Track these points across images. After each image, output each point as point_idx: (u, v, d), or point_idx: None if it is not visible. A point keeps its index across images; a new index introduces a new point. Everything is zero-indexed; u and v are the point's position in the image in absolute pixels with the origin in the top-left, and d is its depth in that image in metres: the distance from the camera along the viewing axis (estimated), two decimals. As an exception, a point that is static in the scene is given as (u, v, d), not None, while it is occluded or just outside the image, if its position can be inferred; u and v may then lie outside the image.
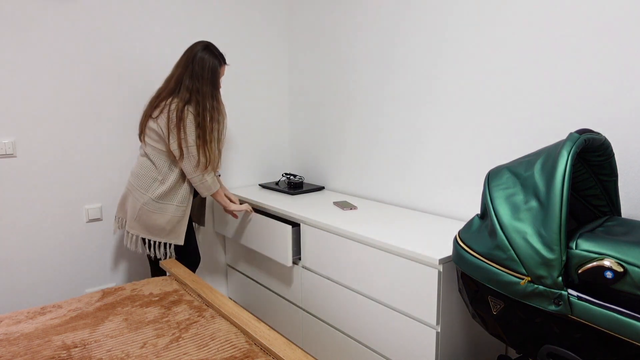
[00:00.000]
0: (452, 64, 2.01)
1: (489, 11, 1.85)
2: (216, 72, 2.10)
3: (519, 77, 1.78)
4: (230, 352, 1.43)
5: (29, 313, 1.74)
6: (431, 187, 2.16)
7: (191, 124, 2.04)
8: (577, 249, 1.13)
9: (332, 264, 2.00)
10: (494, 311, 1.31)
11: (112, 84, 2.36)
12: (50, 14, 2.16)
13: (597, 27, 1.55)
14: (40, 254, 2.26)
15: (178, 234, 2.17)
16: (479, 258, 1.29)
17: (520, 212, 1.22)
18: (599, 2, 1.54)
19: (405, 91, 2.23)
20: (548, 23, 1.67)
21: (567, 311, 1.12)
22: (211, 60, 2.09)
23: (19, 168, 2.17)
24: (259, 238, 2.36)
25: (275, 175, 3.03)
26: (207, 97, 2.07)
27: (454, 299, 1.65)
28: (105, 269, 2.46)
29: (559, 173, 1.15)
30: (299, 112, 2.94)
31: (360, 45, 2.43)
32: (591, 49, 1.58)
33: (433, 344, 1.62)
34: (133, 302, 1.80)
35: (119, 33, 2.35)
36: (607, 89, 1.55)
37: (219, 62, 2.12)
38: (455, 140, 2.04)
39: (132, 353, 1.43)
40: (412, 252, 1.64)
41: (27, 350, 1.45)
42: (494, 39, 1.84)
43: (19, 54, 2.11)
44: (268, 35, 2.87)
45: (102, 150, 2.37)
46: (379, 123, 2.39)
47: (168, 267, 2.12)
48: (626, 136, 1.52)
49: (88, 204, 2.37)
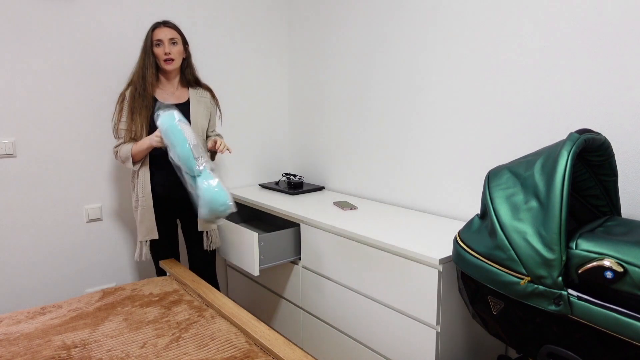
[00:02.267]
0: (452, 64, 2.01)
1: (488, 10, 1.85)
2: (147, 38, 2.05)
3: (519, 77, 1.78)
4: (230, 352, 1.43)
5: (29, 313, 1.74)
6: (431, 187, 2.16)
7: (120, 97, 2.08)
8: (577, 249, 1.13)
9: (332, 264, 2.00)
10: (494, 311, 1.31)
11: (112, 84, 2.36)
12: (50, 14, 2.16)
13: (597, 26, 1.55)
14: (40, 254, 2.26)
15: (147, 229, 2.09)
16: (479, 258, 1.29)
17: (520, 212, 1.22)
18: (599, 2, 1.54)
19: (405, 91, 2.23)
20: (548, 23, 1.67)
21: (567, 311, 1.12)
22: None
23: (19, 168, 2.17)
24: (229, 246, 2.28)
25: (275, 175, 3.03)
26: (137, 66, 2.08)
27: (454, 299, 1.65)
28: (105, 269, 2.46)
29: (559, 173, 1.15)
30: (299, 112, 2.94)
31: (360, 45, 2.43)
32: (591, 48, 1.58)
33: (433, 344, 1.62)
34: (133, 302, 1.80)
35: (119, 33, 2.35)
36: (606, 89, 1.55)
37: (152, 27, 2.07)
38: (455, 140, 2.04)
39: (132, 353, 1.43)
40: (412, 252, 1.64)
41: (27, 350, 1.45)
42: (493, 38, 1.84)
43: (19, 54, 2.11)
44: (268, 35, 2.87)
45: (102, 150, 2.37)
46: (379, 123, 2.39)
47: (168, 267, 2.12)
48: (626, 136, 1.52)
49: (88, 204, 2.37)
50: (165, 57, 2.05)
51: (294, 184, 2.71)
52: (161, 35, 2.04)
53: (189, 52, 2.18)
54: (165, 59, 2.05)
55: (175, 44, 2.07)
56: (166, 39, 2.04)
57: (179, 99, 2.15)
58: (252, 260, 2.09)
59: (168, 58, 2.05)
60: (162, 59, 2.05)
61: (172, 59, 2.06)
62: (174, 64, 2.08)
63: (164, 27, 2.06)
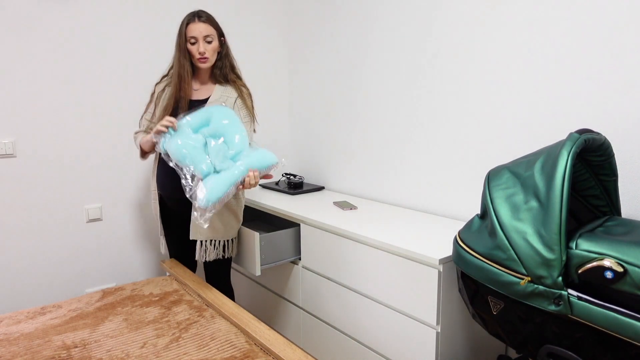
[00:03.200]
0: (452, 64, 2.01)
1: (488, 10, 1.85)
2: (181, 34, 1.90)
3: (519, 77, 1.78)
4: (230, 352, 1.43)
5: (29, 313, 1.74)
6: (431, 187, 2.16)
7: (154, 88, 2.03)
8: (577, 249, 1.13)
9: (332, 264, 2.00)
10: (494, 311, 1.31)
11: (112, 83, 2.36)
12: (50, 14, 2.16)
13: (597, 26, 1.55)
14: (40, 254, 2.26)
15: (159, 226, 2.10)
16: (479, 258, 1.29)
17: (520, 212, 1.22)
18: (599, 2, 1.54)
19: (405, 91, 2.23)
20: (548, 23, 1.67)
21: (567, 311, 1.12)
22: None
23: (19, 168, 2.17)
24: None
25: (275, 175, 3.03)
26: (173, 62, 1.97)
27: (454, 299, 1.65)
28: (105, 269, 2.46)
29: (559, 173, 1.15)
30: (299, 112, 2.94)
31: (361, 45, 2.43)
32: (591, 48, 1.57)
33: (433, 344, 1.62)
34: (133, 302, 1.80)
35: (119, 33, 2.35)
36: (606, 89, 1.55)
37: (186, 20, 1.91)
38: (455, 140, 2.04)
39: (132, 353, 1.43)
40: (412, 252, 1.64)
41: (27, 350, 1.45)
42: (493, 38, 1.84)
43: (19, 54, 2.11)
44: (268, 34, 2.87)
45: (102, 150, 2.37)
46: (380, 123, 2.39)
47: (168, 267, 2.12)
48: (626, 136, 1.52)
49: (88, 204, 2.37)
50: (199, 56, 1.90)
51: (294, 184, 2.71)
52: (195, 33, 1.87)
53: (226, 44, 2.00)
54: (199, 58, 1.90)
55: (210, 42, 1.91)
56: (201, 37, 1.88)
57: (202, 94, 1.99)
58: (253, 260, 2.08)
59: (203, 57, 1.90)
60: (196, 57, 1.91)
61: (206, 58, 1.91)
62: (209, 62, 1.93)
63: (198, 22, 1.88)
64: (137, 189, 2.51)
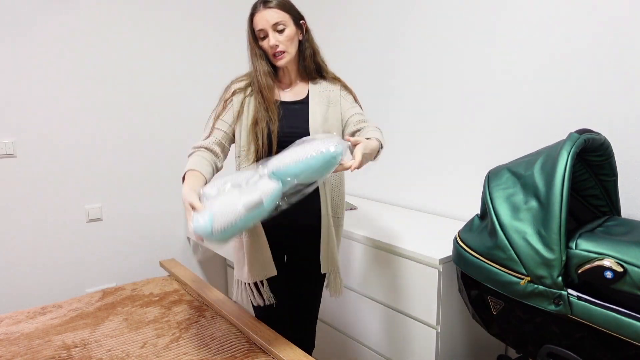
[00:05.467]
0: (452, 64, 2.01)
1: (490, 11, 1.85)
2: (248, 29, 1.53)
3: (519, 77, 1.78)
4: (230, 352, 1.43)
5: (29, 313, 1.74)
6: (431, 187, 2.16)
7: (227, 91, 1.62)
8: (577, 249, 1.13)
9: (332, 264, 2.00)
10: (494, 311, 1.31)
11: (111, 84, 2.36)
12: (50, 15, 2.16)
13: (597, 26, 1.55)
14: (40, 254, 2.26)
15: (260, 265, 1.57)
16: (479, 258, 1.29)
17: (520, 212, 1.22)
18: (599, 2, 1.54)
19: (405, 91, 2.23)
20: (548, 22, 1.67)
21: (567, 311, 1.12)
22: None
23: (19, 168, 2.17)
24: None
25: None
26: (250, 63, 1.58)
27: (454, 299, 1.65)
28: (105, 269, 2.46)
29: (559, 173, 1.15)
30: (299, 112, 2.94)
31: (361, 44, 2.43)
32: (591, 48, 1.57)
33: (433, 344, 1.62)
34: (133, 302, 1.80)
35: (119, 34, 2.35)
36: (606, 89, 1.55)
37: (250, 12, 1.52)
38: (455, 141, 2.04)
39: (132, 353, 1.43)
40: (412, 252, 1.64)
41: (27, 350, 1.45)
42: (494, 38, 1.84)
43: (19, 54, 2.11)
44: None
45: (102, 150, 2.37)
46: (379, 123, 2.39)
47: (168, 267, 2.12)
48: (626, 136, 1.52)
49: (88, 204, 2.37)
50: (272, 51, 1.49)
51: (294, 184, 2.71)
52: (262, 24, 1.46)
53: (308, 29, 1.58)
54: (273, 54, 1.50)
55: (282, 30, 1.47)
56: (269, 27, 1.46)
57: (296, 95, 1.58)
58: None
59: (277, 52, 1.49)
60: (270, 53, 1.51)
61: (282, 51, 1.49)
62: (287, 57, 1.51)
63: (263, 9, 1.46)
64: (137, 189, 2.50)
